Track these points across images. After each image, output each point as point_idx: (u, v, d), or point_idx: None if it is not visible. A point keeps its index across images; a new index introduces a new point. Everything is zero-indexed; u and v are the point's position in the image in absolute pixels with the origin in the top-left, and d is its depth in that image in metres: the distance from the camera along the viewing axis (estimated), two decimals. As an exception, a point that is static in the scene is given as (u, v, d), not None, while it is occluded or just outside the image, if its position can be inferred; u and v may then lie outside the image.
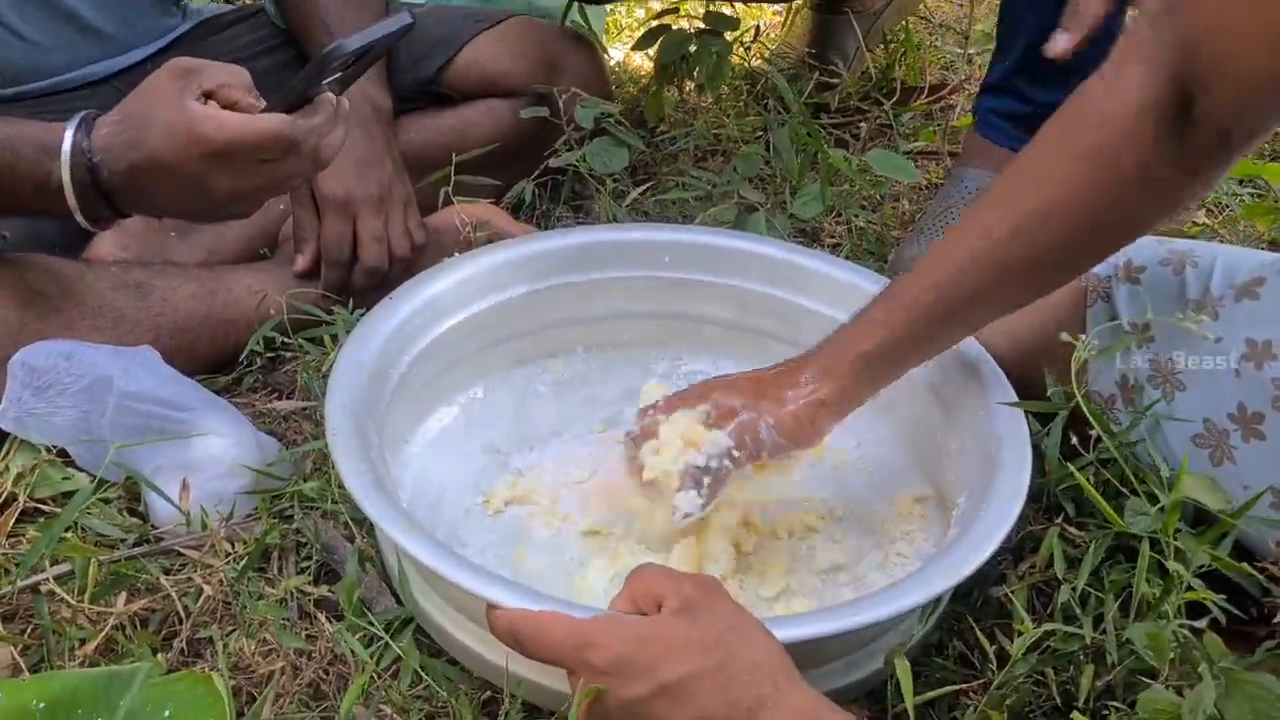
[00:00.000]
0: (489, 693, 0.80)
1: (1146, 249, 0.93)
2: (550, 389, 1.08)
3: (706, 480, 0.83)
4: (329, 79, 0.89)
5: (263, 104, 0.88)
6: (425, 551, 0.72)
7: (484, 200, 1.26)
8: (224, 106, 0.87)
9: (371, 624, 0.79)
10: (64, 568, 0.84)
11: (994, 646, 0.79)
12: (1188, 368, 0.87)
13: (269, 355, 1.10)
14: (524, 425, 1.03)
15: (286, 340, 1.08)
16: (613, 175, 1.31)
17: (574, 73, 1.36)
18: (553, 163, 1.29)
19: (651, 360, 1.10)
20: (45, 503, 0.92)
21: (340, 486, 0.88)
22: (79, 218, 0.88)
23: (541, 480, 0.97)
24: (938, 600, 0.83)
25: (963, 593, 0.87)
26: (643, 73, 1.61)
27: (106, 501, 0.92)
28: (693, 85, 1.44)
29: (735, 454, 0.84)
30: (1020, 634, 0.77)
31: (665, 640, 0.60)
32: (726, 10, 1.61)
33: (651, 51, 1.68)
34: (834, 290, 1.02)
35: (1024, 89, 1.28)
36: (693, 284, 1.06)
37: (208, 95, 0.86)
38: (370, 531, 0.90)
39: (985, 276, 0.80)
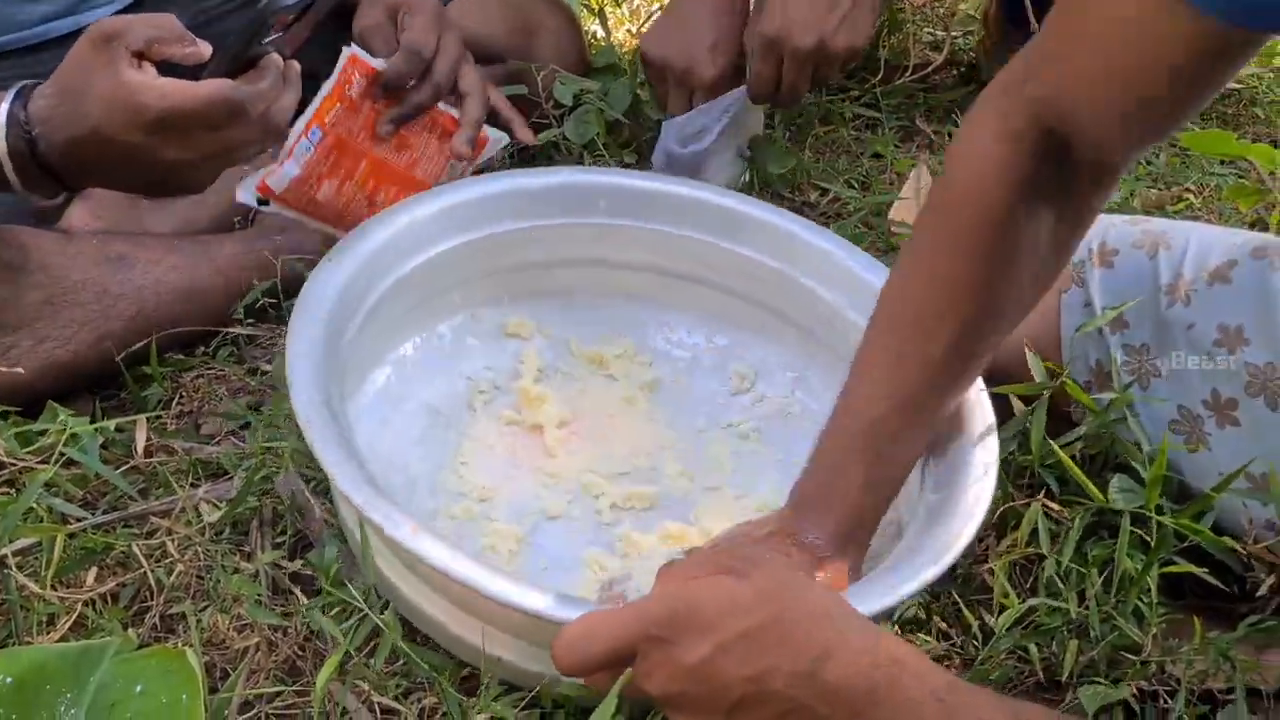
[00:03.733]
0: (468, 669, 0.79)
1: (1120, 231, 0.93)
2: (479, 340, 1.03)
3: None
4: (271, 38, 0.86)
5: (201, 46, 0.85)
6: (443, 556, 0.68)
7: None
8: (159, 63, 0.84)
9: (352, 597, 0.77)
10: (29, 541, 0.82)
11: (977, 622, 0.79)
12: (1162, 359, 0.87)
13: (249, 324, 1.08)
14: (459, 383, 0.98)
15: (271, 304, 1.06)
16: (590, 146, 1.30)
17: (551, 40, 1.35)
18: (532, 140, 1.27)
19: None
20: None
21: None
22: (19, 190, 0.86)
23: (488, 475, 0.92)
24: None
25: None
26: (627, 49, 1.59)
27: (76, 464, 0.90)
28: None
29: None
30: (1004, 609, 0.76)
31: (718, 600, 0.59)
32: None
33: (634, 28, 1.67)
34: (769, 237, 1.01)
35: None
36: (625, 229, 1.02)
37: (140, 56, 0.83)
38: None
39: (913, 411, 0.76)
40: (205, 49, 0.86)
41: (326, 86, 1.00)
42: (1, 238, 0.97)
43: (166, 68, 0.86)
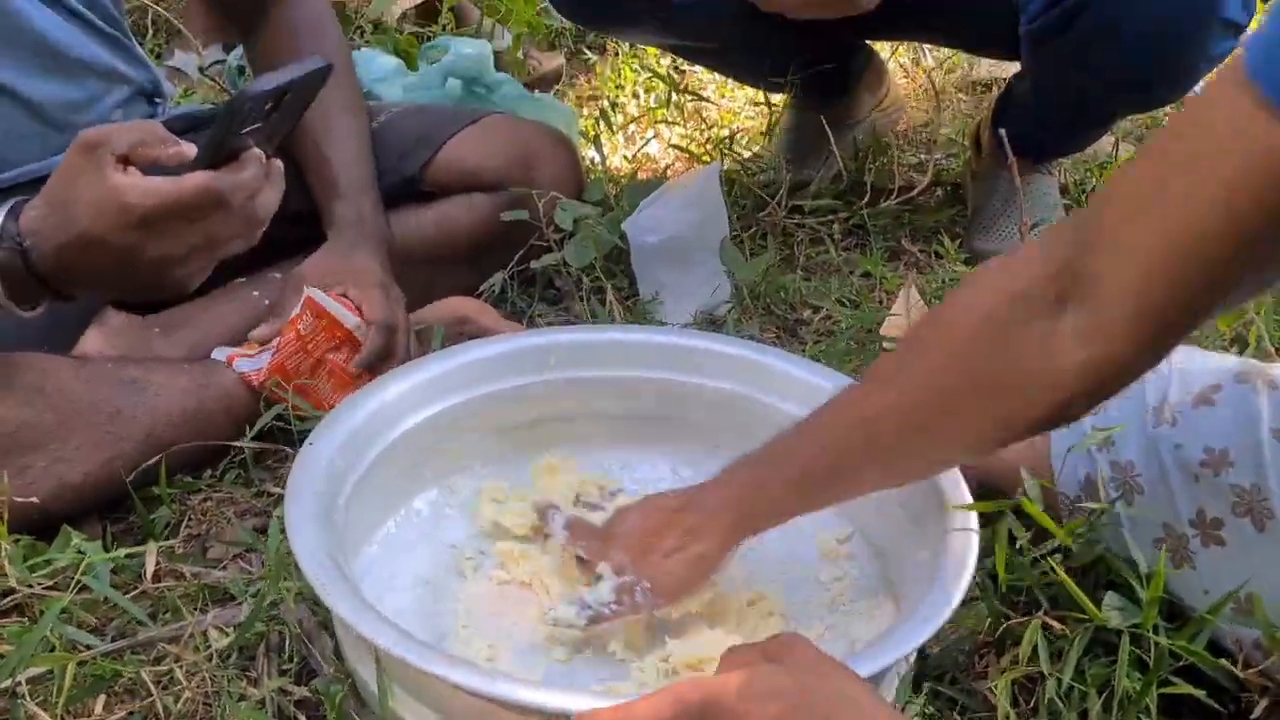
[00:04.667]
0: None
1: None
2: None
3: (587, 613, 0.89)
4: (249, 128, 0.88)
5: (185, 147, 0.88)
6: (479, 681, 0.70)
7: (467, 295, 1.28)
8: (145, 165, 0.87)
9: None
10: (42, 669, 0.82)
11: (980, 742, 0.79)
12: (1147, 477, 0.89)
13: (255, 444, 1.09)
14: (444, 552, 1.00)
15: (281, 426, 1.08)
16: (588, 271, 1.34)
17: (550, 168, 1.40)
18: (534, 264, 1.32)
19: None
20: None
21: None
22: (4, 301, 0.89)
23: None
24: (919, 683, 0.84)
25: (946, 681, 0.87)
26: (622, 173, 1.65)
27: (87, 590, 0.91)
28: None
29: (614, 607, 0.89)
30: (1006, 731, 0.77)
31: (751, 685, 0.61)
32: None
33: (629, 153, 1.73)
34: (722, 364, 1.06)
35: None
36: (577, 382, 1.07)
37: (125, 161, 0.87)
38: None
39: (859, 446, 0.83)
40: (189, 150, 0.89)
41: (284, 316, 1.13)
42: (21, 362, 1.00)
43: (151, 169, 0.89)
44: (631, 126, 1.85)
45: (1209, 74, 1.35)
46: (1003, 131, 1.33)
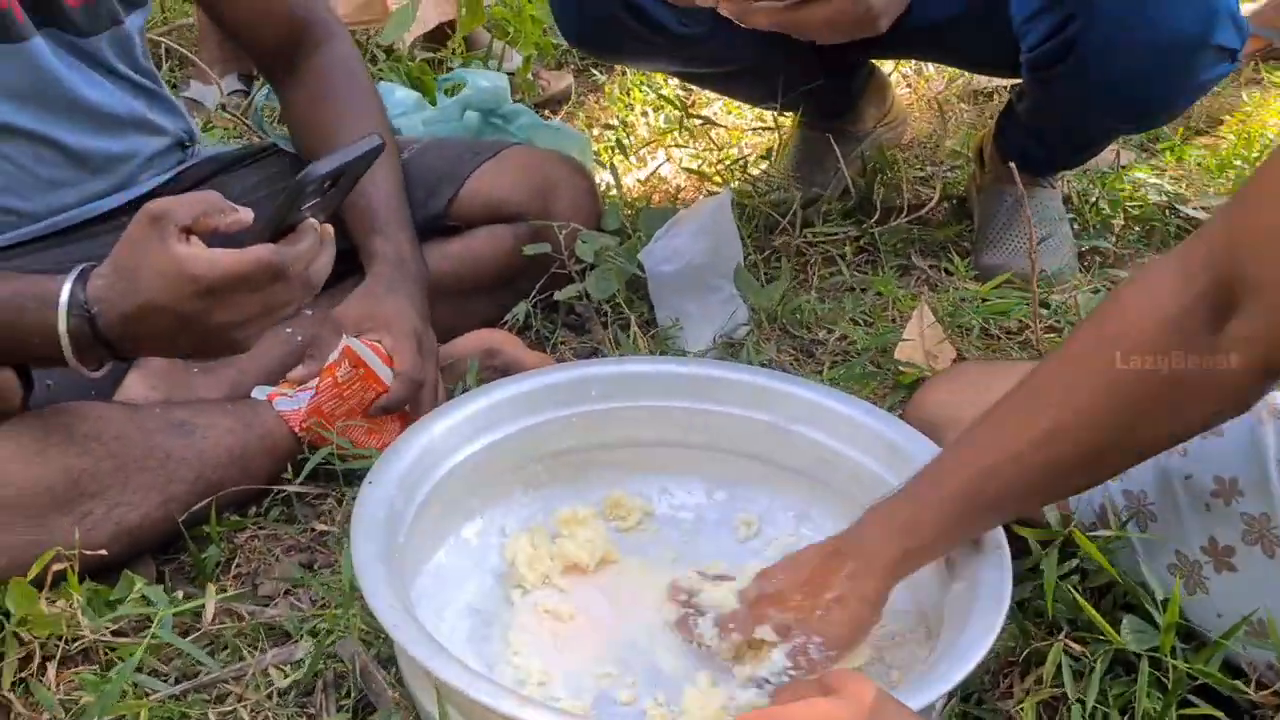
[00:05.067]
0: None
1: None
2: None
3: (769, 688, 0.87)
4: (308, 204, 0.93)
5: (243, 213, 0.92)
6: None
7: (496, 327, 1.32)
8: (206, 234, 0.91)
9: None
10: (116, 715, 0.87)
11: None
12: (1160, 505, 0.93)
13: (298, 482, 1.13)
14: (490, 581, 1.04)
15: (321, 465, 1.13)
16: (610, 300, 1.38)
17: (569, 197, 1.43)
18: (557, 295, 1.35)
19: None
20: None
21: (372, 617, 0.91)
22: (72, 363, 0.93)
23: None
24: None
25: (973, 703, 0.92)
26: (635, 195, 1.68)
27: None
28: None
29: (791, 673, 0.87)
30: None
31: (815, 718, 0.66)
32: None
33: (642, 174, 1.77)
34: (745, 392, 1.10)
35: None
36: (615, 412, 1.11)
37: (188, 231, 0.91)
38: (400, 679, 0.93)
39: (1007, 483, 0.83)
40: (247, 215, 0.93)
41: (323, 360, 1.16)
42: (77, 411, 1.04)
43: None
44: (643, 149, 1.89)
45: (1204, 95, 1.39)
46: (1012, 165, 1.36)
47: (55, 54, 1.15)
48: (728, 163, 1.76)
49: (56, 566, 0.94)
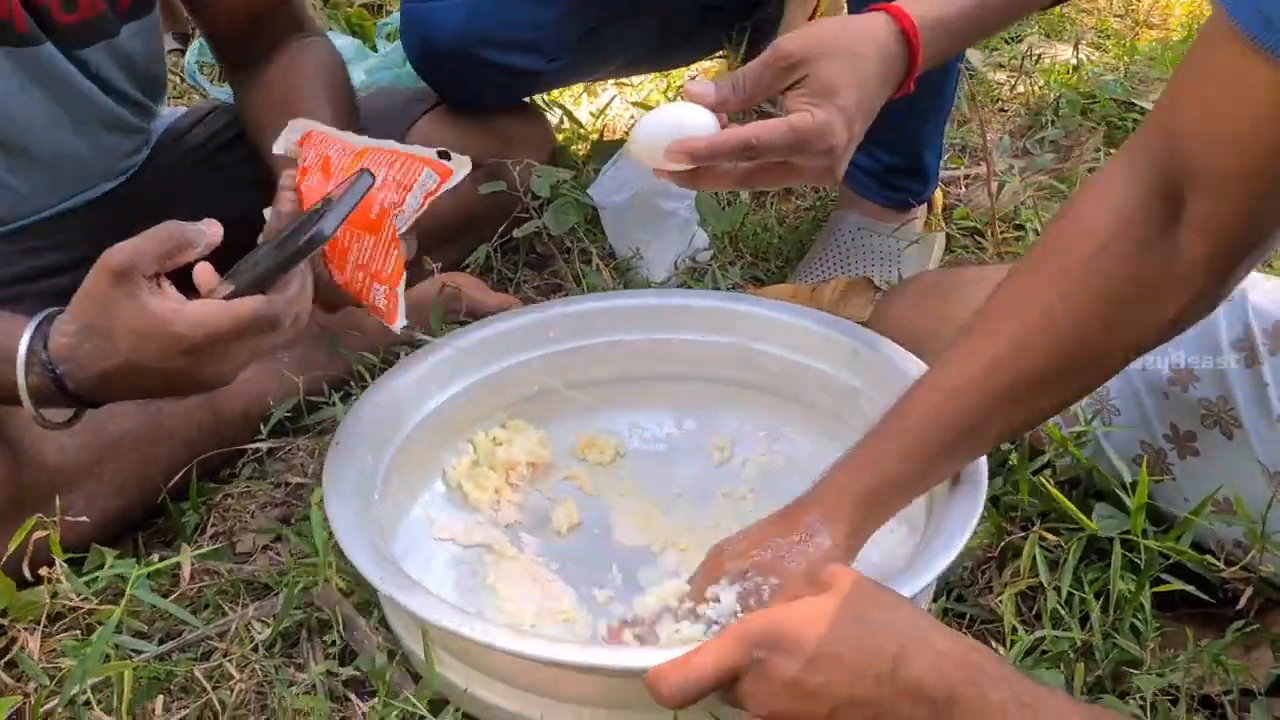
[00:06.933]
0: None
1: None
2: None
3: (716, 628, 0.81)
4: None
5: (211, 231, 0.85)
6: (527, 646, 0.75)
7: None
8: (174, 274, 0.83)
9: (413, 704, 0.82)
10: (101, 677, 0.86)
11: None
12: (1119, 398, 0.93)
13: (269, 440, 1.12)
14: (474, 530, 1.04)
15: (287, 418, 1.12)
16: (570, 234, 1.37)
17: (523, 140, 1.41)
18: (516, 233, 1.34)
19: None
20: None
21: (351, 566, 0.90)
22: (33, 415, 0.86)
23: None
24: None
25: (953, 599, 0.93)
26: (591, 131, 1.66)
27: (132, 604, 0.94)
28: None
29: (740, 615, 0.81)
30: (1014, 642, 0.83)
31: (805, 616, 0.66)
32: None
33: (594, 107, 1.74)
34: (708, 318, 1.11)
35: (870, 146, 1.35)
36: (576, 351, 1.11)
37: (155, 276, 0.82)
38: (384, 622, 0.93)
39: (974, 405, 0.79)
40: (216, 232, 0.86)
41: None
42: None
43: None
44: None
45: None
46: None
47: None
48: (673, 94, 1.74)
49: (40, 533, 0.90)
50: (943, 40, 0.93)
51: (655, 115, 0.92)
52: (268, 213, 1.01)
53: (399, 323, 0.94)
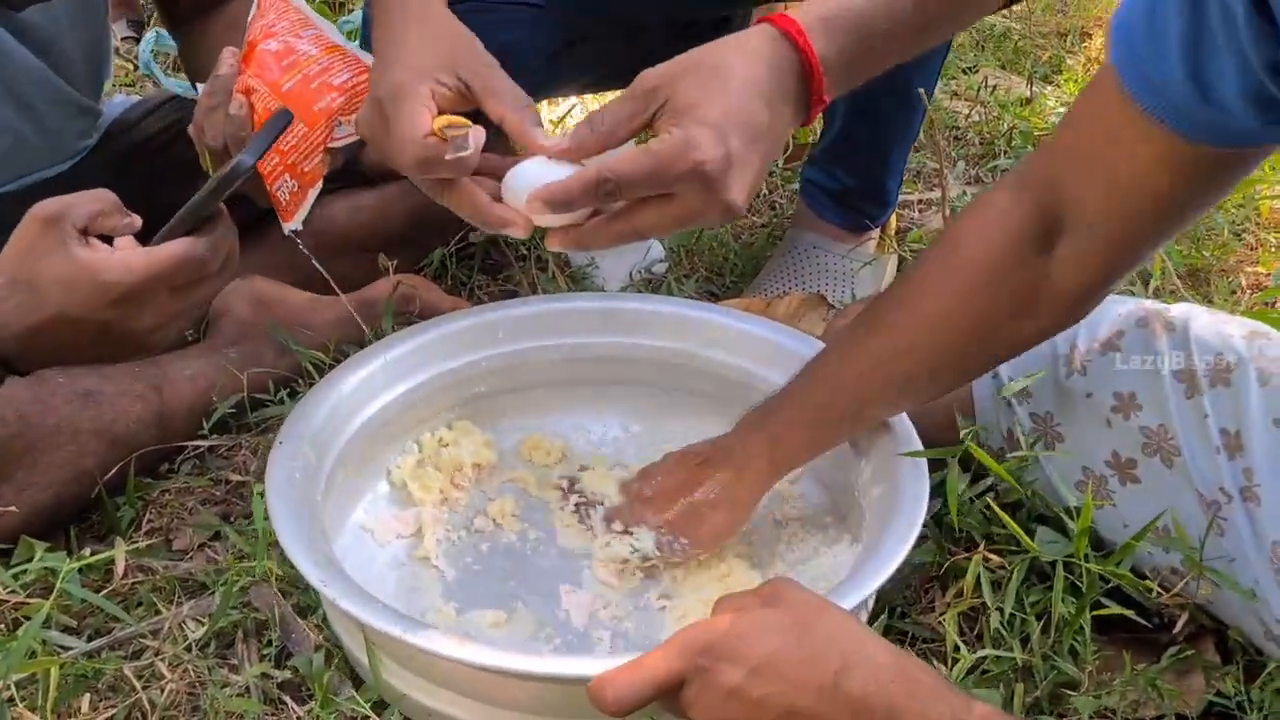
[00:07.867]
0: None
1: None
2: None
3: (638, 556, 0.96)
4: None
5: (134, 219, 0.84)
6: (475, 653, 0.74)
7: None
8: (103, 237, 0.82)
9: (357, 701, 0.81)
10: (26, 674, 0.84)
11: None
12: (1065, 425, 0.95)
13: (211, 436, 1.10)
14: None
15: (230, 414, 1.09)
16: (527, 242, 1.36)
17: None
18: (473, 238, 1.33)
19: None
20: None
21: (290, 566, 0.89)
22: None
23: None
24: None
25: (896, 616, 0.93)
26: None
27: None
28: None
29: (656, 556, 0.95)
30: (956, 661, 0.83)
31: (750, 626, 0.66)
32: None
33: (553, 115, 1.73)
34: (658, 323, 1.11)
35: (833, 168, 1.37)
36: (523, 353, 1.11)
37: (83, 232, 0.82)
38: (325, 621, 0.92)
39: (865, 393, 0.90)
40: (137, 221, 0.85)
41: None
42: None
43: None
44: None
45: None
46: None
47: None
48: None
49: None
50: (848, 37, 0.83)
51: (518, 168, 0.83)
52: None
53: (292, 224, 0.93)
